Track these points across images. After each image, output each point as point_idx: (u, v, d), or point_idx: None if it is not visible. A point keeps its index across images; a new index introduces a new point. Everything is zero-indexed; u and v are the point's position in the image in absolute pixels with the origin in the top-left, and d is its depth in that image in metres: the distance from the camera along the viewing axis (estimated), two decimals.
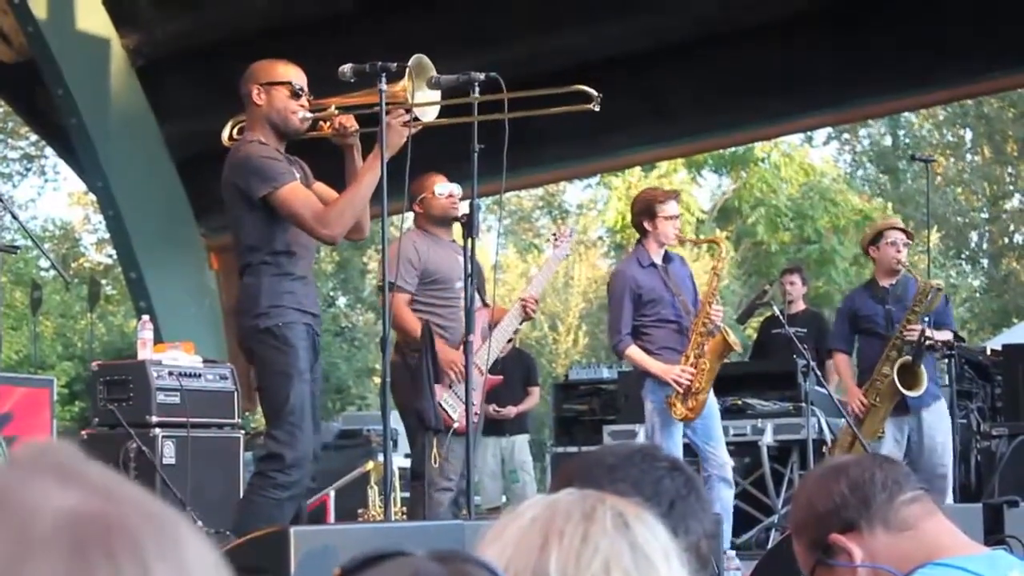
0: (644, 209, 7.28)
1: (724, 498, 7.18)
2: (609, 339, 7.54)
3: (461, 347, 6.49)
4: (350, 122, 5.39)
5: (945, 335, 7.94)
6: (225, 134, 5.61)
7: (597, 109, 5.29)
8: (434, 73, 5.35)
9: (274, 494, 5.15)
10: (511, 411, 10.63)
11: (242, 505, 5.35)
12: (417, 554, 1.11)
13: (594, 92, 5.30)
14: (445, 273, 6.71)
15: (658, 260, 7.26)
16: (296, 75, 5.39)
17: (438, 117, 5.50)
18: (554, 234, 7.53)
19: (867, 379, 7.85)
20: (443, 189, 6.77)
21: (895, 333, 7.77)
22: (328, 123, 5.41)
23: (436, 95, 5.42)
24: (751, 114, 12.51)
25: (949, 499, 7.72)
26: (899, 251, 7.94)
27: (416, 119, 5.32)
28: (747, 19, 11.33)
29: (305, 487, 5.30)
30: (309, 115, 5.38)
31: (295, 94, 5.34)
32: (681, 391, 7.03)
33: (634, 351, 7.16)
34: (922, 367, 7.71)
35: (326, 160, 5.69)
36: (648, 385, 7.18)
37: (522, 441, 10.99)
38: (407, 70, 5.24)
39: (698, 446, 7.25)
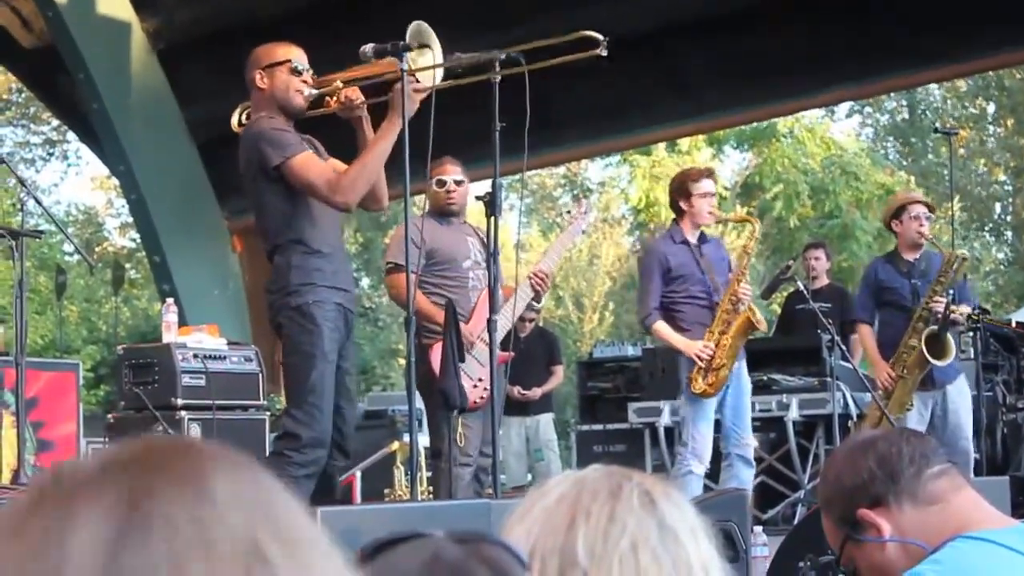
0: (679, 188, 7.31)
1: (743, 477, 7.19)
2: (638, 314, 7.57)
3: (469, 322, 6.50)
4: (356, 95, 5.38)
5: (966, 310, 7.92)
6: (234, 120, 5.61)
7: (604, 53, 5.26)
8: (433, 40, 5.31)
9: (289, 472, 5.13)
10: (536, 393, 10.61)
11: None
12: (436, 535, 1.11)
13: (599, 36, 5.28)
14: (451, 254, 6.69)
15: (692, 239, 7.27)
16: (296, 54, 5.39)
17: (456, 80, 5.48)
18: (569, 211, 7.51)
19: (892, 352, 7.81)
20: (442, 180, 6.73)
21: (920, 306, 7.74)
22: (334, 97, 5.40)
23: (435, 58, 5.37)
24: (770, 90, 12.46)
25: (970, 472, 7.71)
26: (922, 224, 7.90)
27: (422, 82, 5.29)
28: None
29: (322, 466, 5.29)
30: (314, 91, 5.38)
31: (296, 71, 5.34)
32: (702, 366, 7.05)
33: (661, 326, 7.18)
34: (949, 337, 7.69)
35: (339, 136, 5.67)
36: (681, 361, 7.20)
37: (546, 420, 10.98)
38: (415, 42, 5.22)
39: (724, 424, 7.26)
